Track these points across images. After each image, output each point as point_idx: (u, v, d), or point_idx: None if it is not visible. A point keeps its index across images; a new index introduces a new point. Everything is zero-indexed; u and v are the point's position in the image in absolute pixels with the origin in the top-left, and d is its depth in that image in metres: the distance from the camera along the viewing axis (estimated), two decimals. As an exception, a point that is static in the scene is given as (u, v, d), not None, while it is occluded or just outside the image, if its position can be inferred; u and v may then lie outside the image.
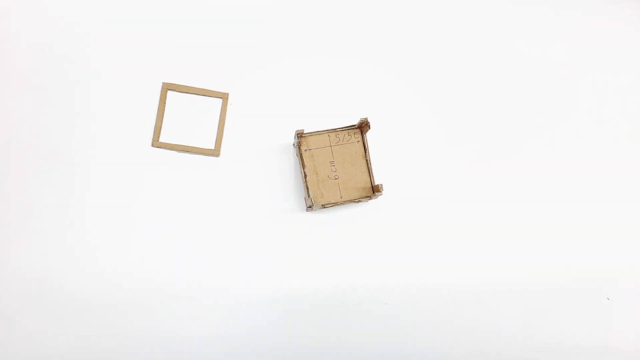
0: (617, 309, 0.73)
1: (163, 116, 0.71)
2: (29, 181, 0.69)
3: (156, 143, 0.70)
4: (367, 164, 0.68)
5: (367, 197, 0.67)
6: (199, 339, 0.69)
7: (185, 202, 0.70)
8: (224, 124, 0.71)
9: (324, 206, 0.66)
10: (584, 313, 0.73)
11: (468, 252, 0.73)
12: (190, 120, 0.72)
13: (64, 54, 0.71)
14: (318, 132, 0.68)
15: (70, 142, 0.70)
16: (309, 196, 0.65)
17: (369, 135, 0.70)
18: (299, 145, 0.67)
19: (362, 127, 0.67)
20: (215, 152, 0.71)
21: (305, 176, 0.66)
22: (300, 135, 0.65)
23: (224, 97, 0.71)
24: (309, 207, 0.67)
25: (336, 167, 0.67)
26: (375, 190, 0.66)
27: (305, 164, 0.67)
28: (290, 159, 0.72)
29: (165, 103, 0.71)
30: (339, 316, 0.70)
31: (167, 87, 0.71)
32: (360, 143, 0.68)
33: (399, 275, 0.72)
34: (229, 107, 0.72)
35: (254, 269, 0.70)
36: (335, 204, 0.66)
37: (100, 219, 0.69)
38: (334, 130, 0.68)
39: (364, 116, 0.67)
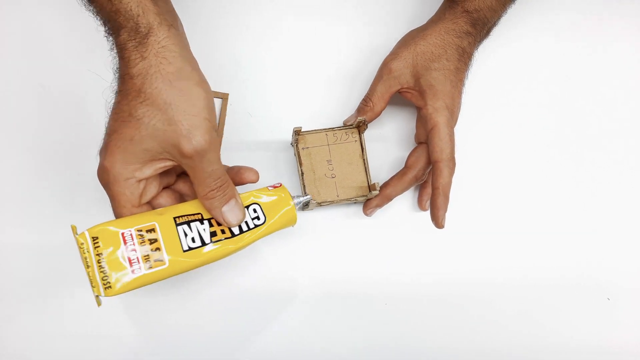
0: (617, 309, 0.73)
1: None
2: (29, 181, 0.69)
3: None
4: (364, 163, 0.68)
5: (364, 196, 0.67)
6: (198, 339, 0.69)
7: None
8: (224, 124, 0.71)
9: (320, 204, 0.66)
10: (584, 313, 0.73)
11: (467, 252, 0.73)
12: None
13: (64, 53, 0.71)
14: (316, 131, 0.68)
15: (70, 143, 0.70)
16: (305, 194, 0.65)
17: (366, 134, 0.71)
18: (296, 143, 0.67)
19: (360, 126, 0.68)
20: (215, 153, 0.71)
21: (302, 174, 0.66)
22: (297, 132, 0.65)
23: (224, 97, 0.71)
24: (305, 206, 0.67)
25: (333, 165, 0.68)
26: (371, 189, 0.66)
27: (303, 161, 0.67)
28: (288, 157, 0.72)
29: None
30: (337, 316, 0.70)
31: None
32: (358, 142, 0.68)
33: (398, 275, 0.72)
34: (229, 107, 0.72)
35: (253, 269, 0.70)
36: (331, 203, 0.66)
37: (99, 219, 0.69)
38: (332, 129, 0.68)
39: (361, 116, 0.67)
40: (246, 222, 0.56)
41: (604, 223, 0.74)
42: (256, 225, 0.56)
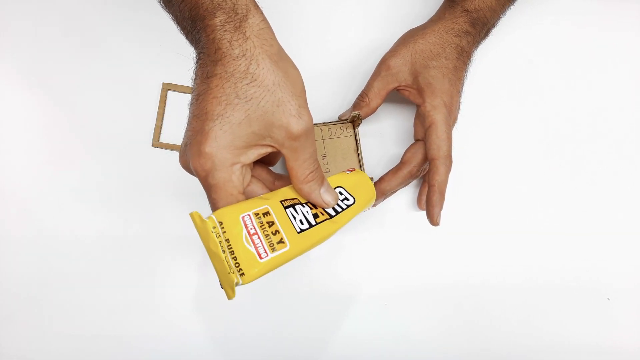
0: (617, 309, 0.72)
1: (163, 116, 0.72)
2: (27, 181, 0.70)
3: (156, 143, 0.71)
4: (359, 157, 0.68)
5: None
6: (196, 337, 0.69)
7: (185, 202, 0.71)
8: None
9: None
10: (584, 313, 0.72)
11: (467, 252, 0.73)
12: (190, 120, 0.72)
13: (62, 53, 0.72)
14: None
15: (69, 143, 0.71)
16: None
17: (363, 130, 0.71)
18: None
19: (354, 121, 0.68)
20: (215, 152, 0.71)
21: None
22: None
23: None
24: None
25: (328, 160, 0.68)
26: None
27: None
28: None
29: (165, 103, 0.72)
30: (336, 316, 0.70)
31: (167, 87, 0.72)
32: (352, 137, 0.69)
33: (398, 275, 0.72)
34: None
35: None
36: None
37: (99, 219, 0.70)
38: (327, 123, 0.69)
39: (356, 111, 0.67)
40: (338, 204, 0.56)
41: (604, 223, 0.74)
42: (348, 206, 0.56)
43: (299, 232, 0.50)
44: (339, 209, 0.55)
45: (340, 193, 0.57)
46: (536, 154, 0.75)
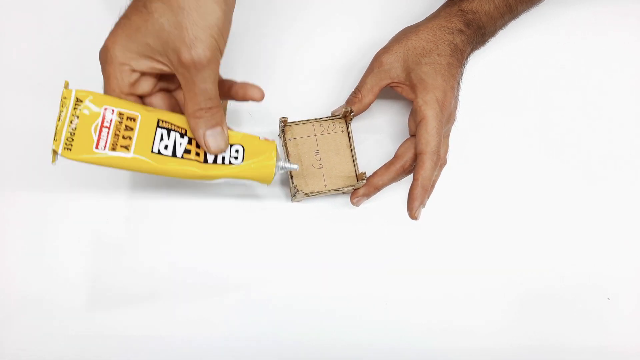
0: (617, 309, 0.72)
1: (164, 116, 0.72)
2: (28, 182, 0.71)
3: (156, 143, 0.71)
4: (352, 153, 0.68)
5: (352, 186, 0.67)
6: (196, 338, 0.69)
7: (186, 202, 0.71)
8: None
9: (308, 195, 0.66)
10: (584, 313, 0.72)
11: (467, 251, 0.73)
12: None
13: (63, 52, 0.73)
14: (303, 122, 0.68)
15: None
16: (293, 184, 0.65)
17: (359, 127, 0.72)
18: (283, 134, 0.68)
19: (347, 116, 0.68)
20: (215, 153, 0.71)
21: None
22: (284, 122, 0.66)
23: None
24: (293, 196, 0.67)
25: (320, 156, 0.68)
26: (359, 178, 0.66)
27: (290, 152, 0.67)
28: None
29: (165, 103, 0.72)
30: (336, 316, 0.70)
31: (167, 88, 0.72)
32: (345, 132, 0.69)
33: (397, 272, 0.72)
34: (229, 107, 0.72)
35: (252, 267, 0.71)
36: (319, 193, 0.67)
37: (99, 220, 0.70)
38: (319, 119, 0.69)
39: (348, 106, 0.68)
40: (223, 157, 0.55)
41: (604, 223, 0.74)
42: (231, 163, 0.55)
43: (153, 152, 0.51)
44: (219, 161, 0.55)
45: (237, 151, 0.56)
46: (536, 155, 0.75)
